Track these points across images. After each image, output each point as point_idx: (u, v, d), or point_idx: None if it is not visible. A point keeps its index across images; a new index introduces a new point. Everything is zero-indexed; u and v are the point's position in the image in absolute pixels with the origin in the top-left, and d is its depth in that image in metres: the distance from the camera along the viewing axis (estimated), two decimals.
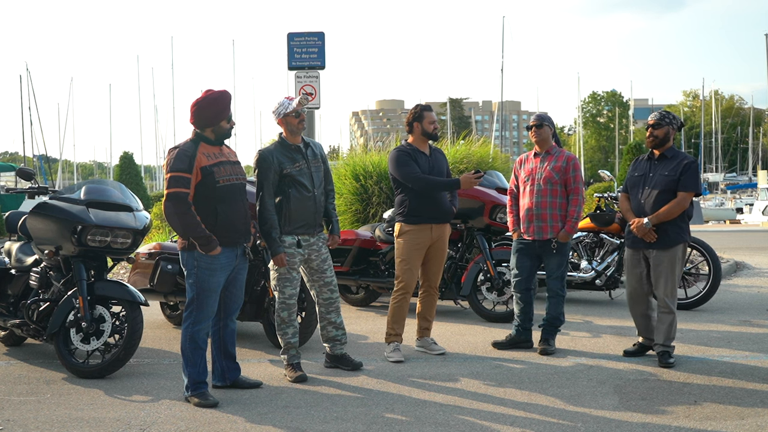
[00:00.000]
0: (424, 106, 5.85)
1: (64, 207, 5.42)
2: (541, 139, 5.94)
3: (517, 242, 6.00)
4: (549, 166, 5.87)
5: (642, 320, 5.59)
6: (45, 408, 4.61)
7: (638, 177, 5.53)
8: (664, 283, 5.37)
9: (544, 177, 5.84)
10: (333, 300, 5.38)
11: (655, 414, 4.29)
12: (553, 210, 5.81)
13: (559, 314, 5.91)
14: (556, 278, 5.89)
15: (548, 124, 5.97)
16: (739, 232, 22.07)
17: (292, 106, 5.19)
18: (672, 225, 5.35)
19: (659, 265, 5.37)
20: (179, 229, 4.64)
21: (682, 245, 5.41)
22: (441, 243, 5.81)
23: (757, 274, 10.52)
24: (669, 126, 5.43)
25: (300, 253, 5.20)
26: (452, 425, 4.18)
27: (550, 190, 5.82)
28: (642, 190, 5.46)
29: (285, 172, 5.14)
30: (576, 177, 5.87)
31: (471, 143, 11.70)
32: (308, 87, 11.36)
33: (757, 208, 33.89)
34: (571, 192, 5.84)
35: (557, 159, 5.90)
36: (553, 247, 5.82)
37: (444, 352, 5.82)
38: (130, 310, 5.31)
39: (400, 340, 5.75)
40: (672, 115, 5.50)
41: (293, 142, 5.24)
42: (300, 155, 5.23)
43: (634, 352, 5.61)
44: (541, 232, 5.83)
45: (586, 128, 74.95)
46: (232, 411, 4.50)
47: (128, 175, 25.72)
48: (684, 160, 5.42)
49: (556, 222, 5.82)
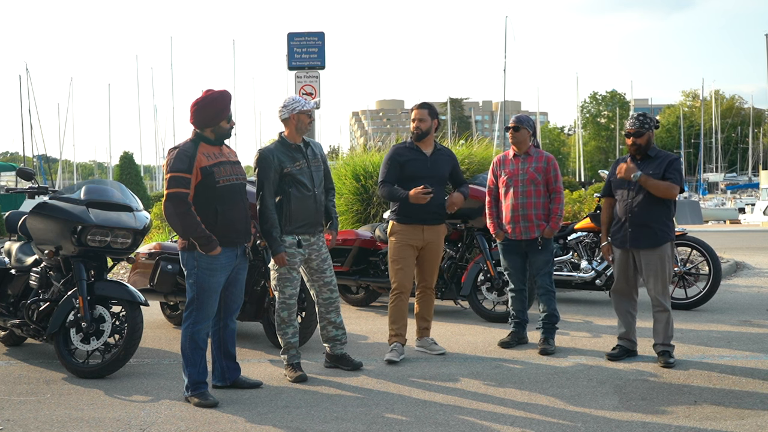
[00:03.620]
0: (416, 104, 5.77)
1: (64, 207, 5.42)
2: (518, 141, 6.02)
3: (503, 243, 6.10)
4: (531, 167, 5.95)
5: (626, 318, 5.59)
6: (45, 408, 4.61)
7: (623, 179, 5.52)
8: (655, 282, 5.37)
9: (527, 178, 5.94)
10: (333, 300, 5.38)
11: (655, 414, 4.29)
12: (537, 210, 5.92)
13: (553, 310, 5.97)
14: (545, 274, 5.99)
15: (526, 127, 6.02)
16: (739, 232, 22.06)
17: (310, 104, 5.23)
18: (658, 224, 5.35)
19: (649, 265, 5.38)
20: (179, 229, 4.64)
21: (669, 243, 5.41)
22: (435, 245, 5.75)
23: (757, 274, 10.52)
24: (649, 131, 5.43)
25: (300, 253, 5.20)
26: (452, 425, 4.18)
27: (534, 191, 5.93)
28: (629, 191, 5.45)
29: (285, 171, 5.14)
30: (557, 176, 6.00)
31: (471, 144, 11.70)
32: (308, 87, 11.36)
33: (759, 208, 33.88)
34: (553, 191, 5.97)
35: (537, 160, 5.98)
36: (540, 244, 5.91)
37: (444, 352, 5.82)
38: (130, 310, 5.31)
39: (402, 340, 5.71)
40: (648, 116, 5.48)
41: (294, 141, 5.25)
42: (300, 154, 5.23)
43: (617, 356, 5.53)
44: (528, 231, 5.93)
45: (586, 128, 74.99)
46: (232, 411, 4.50)
47: (128, 175, 25.68)
48: (667, 157, 5.43)
49: (540, 221, 5.93)
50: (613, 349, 5.62)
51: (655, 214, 5.35)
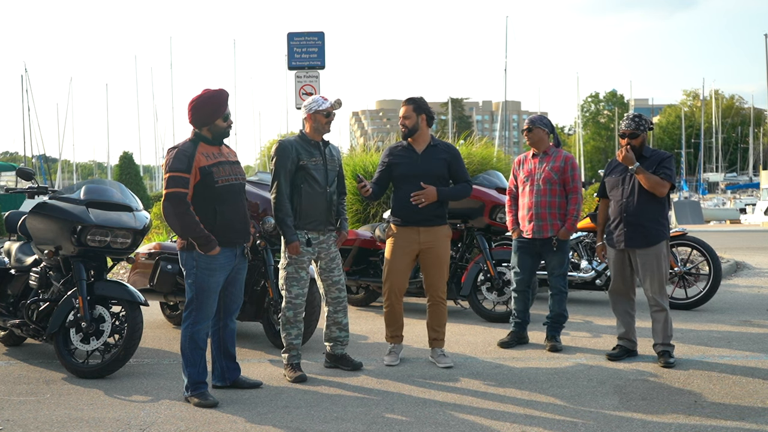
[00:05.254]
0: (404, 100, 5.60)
1: (63, 207, 5.42)
2: (534, 141, 6.01)
3: (518, 241, 6.05)
4: (548, 166, 5.93)
5: (625, 318, 5.58)
6: (45, 408, 4.61)
7: (617, 178, 5.49)
8: (651, 281, 5.36)
9: (543, 177, 5.91)
10: (341, 299, 5.38)
11: (655, 414, 4.29)
12: (552, 209, 5.89)
13: (563, 311, 5.98)
14: (558, 276, 5.96)
15: (540, 126, 6.00)
16: (739, 232, 22.06)
17: (325, 105, 5.23)
18: (653, 223, 5.35)
19: (645, 264, 5.37)
20: (178, 229, 4.64)
21: (665, 242, 5.41)
22: (435, 248, 5.46)
23: (757, 274, 10.52)
24: (644, 132, 5.43)
25: (309, 252, 5.20)
26: (452, 425, 4.18)
27: (549, 190, 5.89)
28: (623, 191, 5.44)
29: (301, 164, 5.15)
30: (574, 176, 5.94)
31: (472, 143, 11.70)
32: (308, 87, 11.36)
33: (760, 208, 33.85)
34: (571, 191, 5.93)
35: (555, 159, 5.96)
36: (554, 245, 5.88)
37: (450, 366, 5.43)
38: (130, 310, 5.31)
39: (398, 341, 5.64)
40: (644, 118, 5.47)
41: (313, 139, 5.27)
42: (318, 151, 5.25)
43: (617, 356, 5.52)
44: (542, 230, 5.90)
45: (586, 128, 74.97)
46: (232, 411, 4.50)
47: (128, 175, 25.70)
48: (661, 156, 5.43)
49: (555, 220, 5.89)
50: (613, 349, 5.62)
51: (650, 213, 5.35)
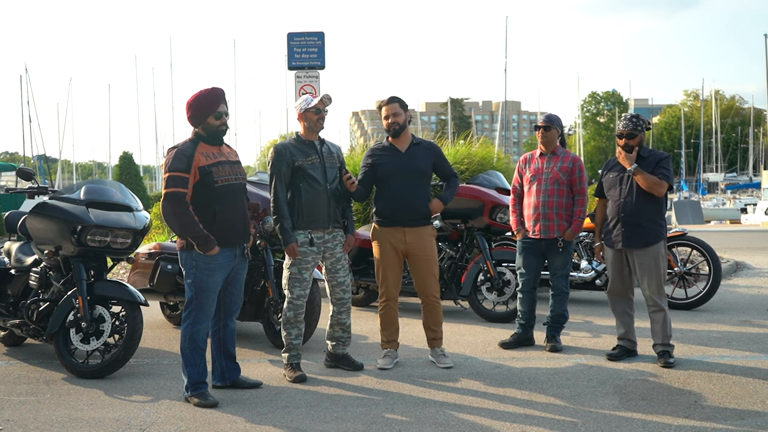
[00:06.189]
0: (383, 101, 5.56)
1: (63, 207, 5.42)
2: (547, 140, 5.98)
3: (523, 241, 6.03)
4: (556, 166, 5.91)
5: (624, 318, 5.58)
6: (45, 408, 4.61)
7: (615, 178, 5.49)
8: (649, 282, 5.36)
9: (551, 177, 5.89)
10: (345, 300, 5.37)
11: (655, 414, 4.29)
12: (559, 209, 5.88)
13: (563, 311, 5.97)
14: (561, 276, 5.96)
15: (556, 127, 5.98)
16: (739, 232, 22.07)
17: (313, 102, 5.23)
18: (650, 223, 5.35)
19: (642, 264, 5.37)
20: (177, 228, 4.64)
21: (662, 242, 5.41)
22: (422, 249, 5.43)
23: (757, 274, 10.52)
24: (641, 132, 5.42)
25: (313, 252, 5.19)
26: (452, 425, 4.18)
27: (557, 190, 5.88)
28: (620, 191, 5.44)
29: (297, 165, 5.15)
30: (581, 178, 5.94)
31: (471, 143, 11.70)
32: (308, 87, 11.36)
33: (760, 209, 33.86)
34: (577, 192, 5.93)
35: (563, 160, 5.94)
36: (560, 246, 5.87)
37: (451, 366, 5.43)
38: (130, 310, 5.31)
39: (394, 346, 5.59)
40: (641, 118, 5.46)
41: (309, 139, 5.27)
42: (314, 150, 5.24)
43: (617, 356, 5.52)
44: (548, 231, 5.88)
45: (586, 128, 74.97)
46: (232, 411, 4.50)
47: (128, 175, 25.73)
48: (659, 156, 5.42)
49: (562, 221, 5.89)
50: (613, 349, 5.61)
51: (647, 213, 5.35)
